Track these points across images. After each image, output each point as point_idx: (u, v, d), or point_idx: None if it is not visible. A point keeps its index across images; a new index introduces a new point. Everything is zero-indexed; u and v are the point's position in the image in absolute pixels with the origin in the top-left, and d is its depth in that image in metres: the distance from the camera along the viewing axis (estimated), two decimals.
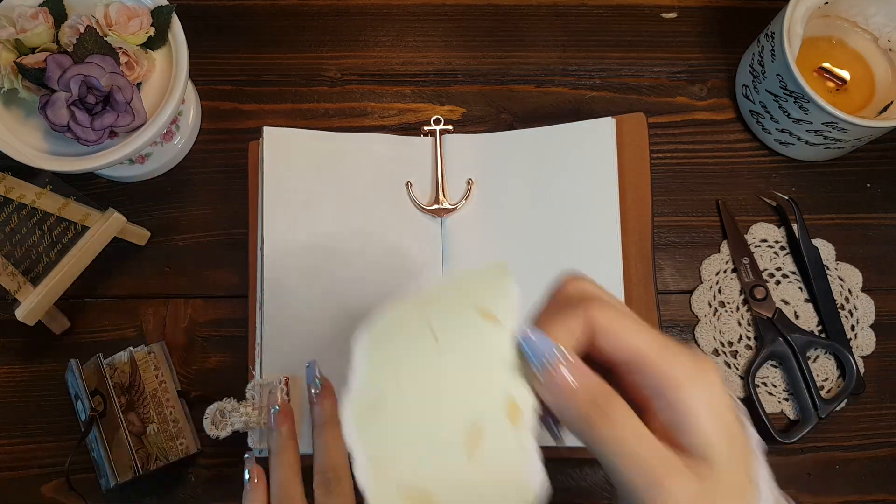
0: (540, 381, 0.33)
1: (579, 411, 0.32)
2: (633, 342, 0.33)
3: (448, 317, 0.34)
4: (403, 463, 0.33)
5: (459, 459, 0.33)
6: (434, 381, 0.33)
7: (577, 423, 0.33)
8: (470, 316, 0.34)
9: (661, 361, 0.33)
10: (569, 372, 0.32)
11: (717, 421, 0.33)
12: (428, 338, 0.33)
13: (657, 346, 0.33)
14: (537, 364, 0.33)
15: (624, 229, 0.58)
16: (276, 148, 0.58)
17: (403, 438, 0.33)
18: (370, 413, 0.33)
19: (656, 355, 0.33)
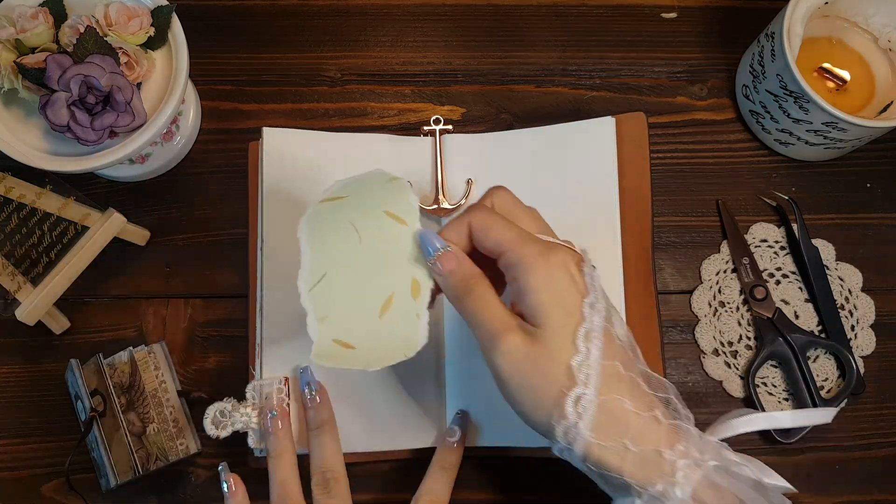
0: (429, 266, 0.45)
1: (454, 288, 0.44)
2: (495, 235, 0.43)
3: (365, 218, 0.47)
4: (337, 322, 0.47)
5: (374, 319, 0.47)
6: (359, 265, 0.47)
7: (452, 296, 0.45)
8: (381, 217, 0.47)
9: (515, 248, 0.43)
10: (447, 259, 0.44)
11: (552, 295, 0.41)
12: (353, 233, 0.48)
13: (515, 237, 0.43)
14: (428, 254, 0.45)
15: (624, 229, 0.58)
16: (275, 148, 0.58)
17: (339, 305, 0.47)
18: (316, 286, 0.48)
19: (512, 244, 0.43)
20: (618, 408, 0.40)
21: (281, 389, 0.54)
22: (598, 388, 0.40)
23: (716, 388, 0.60)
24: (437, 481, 0.53)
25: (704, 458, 0.40)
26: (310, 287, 0.48)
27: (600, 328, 0.41)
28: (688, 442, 0.41)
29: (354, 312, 0.48)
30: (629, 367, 0.42)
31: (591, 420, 0.40)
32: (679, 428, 0.41)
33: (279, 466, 0.51)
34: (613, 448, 0.40)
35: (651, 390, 0.42)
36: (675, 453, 0.40)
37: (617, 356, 0.41)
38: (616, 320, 0.44)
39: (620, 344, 0.42)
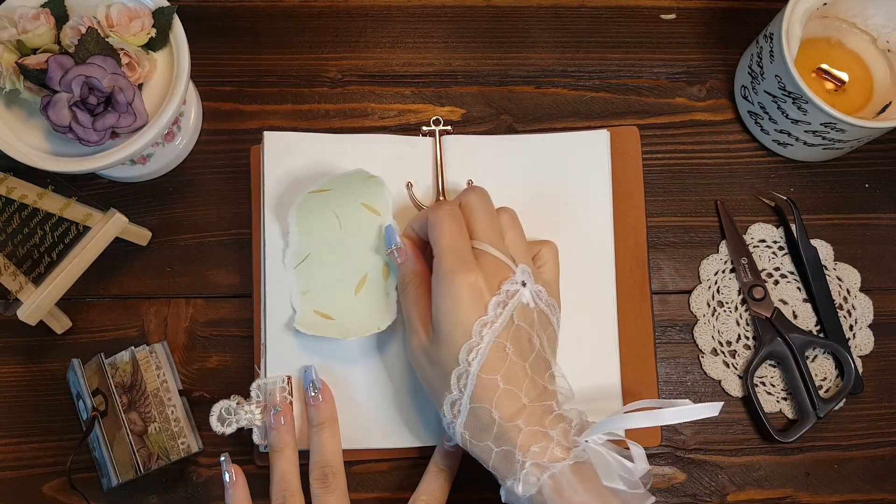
0: (388, 255, 0.54)
1: (399, 280, 0.53)
2: (435, 238, 0.50)
3: (345, 208, 0.56)
4: (318, 295, 0.56)
5: (350, 295, 0.56)
6: (338, 248, 0.56)
7: (398, 285, 0.54)
8: (359, 209, 0.56)
9: (439, 257, 0.49)
10: (399, 254, 0.53)
11: (448, 310, 0.47)
12: (334, 220, 0.56)
13: (445, 247, 0.49)
14: (386, 247, 0.54)
15: (618, 234, 0.59)
16: (276, 151, 0.58)
17: (320, 281, 0.56)
18: (300, 264, 0.56)
19: (440, 252, 0.49)
20: (486, 415, 0.47)
21: (284, 388, 0.55)
22: (472, 397, 0.47)
23: (714, 388, 0.60)
24: (435, 482, 0.54)
25: (560, 458, 0.46)
26: (295, 265, 0.56)
27: (487, 345, 0.47)
28: (547, 444, 0.46)
29: (333, 288, 0.56)
30: (512, 380, 0.47)
31: (464, 421, 0.48)
32: (545, 433, 0.47)
33: (280, 460, 0.53)
34: (482, 446, 0.48)
35: (539, 400, 0.48)
36: (527, 455, 0.46)
37: (500, 371, 0.47)
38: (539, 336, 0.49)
39: (514, 360, 0.47)
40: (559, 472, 0.45)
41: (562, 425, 0.47)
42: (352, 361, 0.57)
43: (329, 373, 0.56)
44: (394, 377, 0.57)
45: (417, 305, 0.51)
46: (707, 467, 0.59)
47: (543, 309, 0.50)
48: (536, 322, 0.49)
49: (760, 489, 0.58)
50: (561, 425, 0.47)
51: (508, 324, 0.47)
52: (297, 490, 0.52)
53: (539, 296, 0.50)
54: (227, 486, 0.52)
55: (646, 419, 0.48)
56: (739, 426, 0.59)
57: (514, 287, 0.48)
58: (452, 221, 0.50)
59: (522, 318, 0.48)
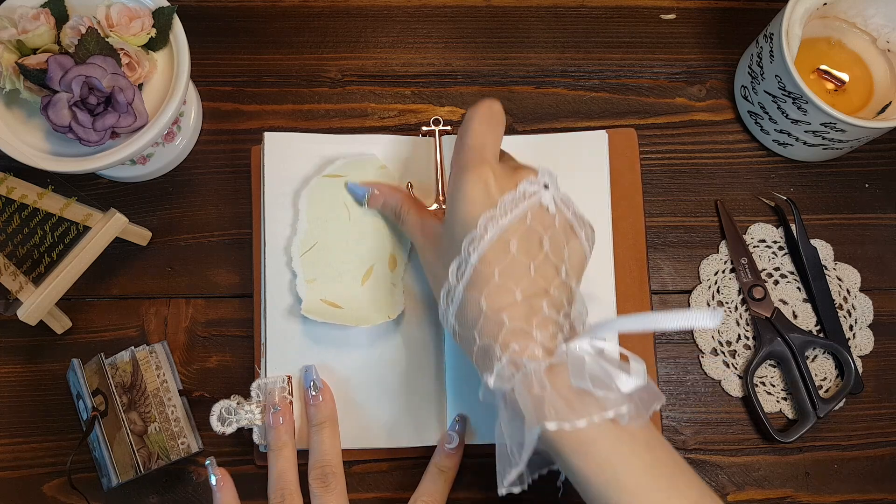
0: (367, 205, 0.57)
1: (392, 212, 0.55)
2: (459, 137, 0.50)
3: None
4: (324, 284, 0.56)
5: (356, 285, 0.56)
6: (346, 238, 0.57)
7: (395, 219, 0.56)
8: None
9: (455, 156, 0.49)
10: (375, 200, 0.56)
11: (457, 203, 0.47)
12: (344, 210, 0.57)
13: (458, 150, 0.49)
14: (360, 201, 0.57)
15: (617, 234, 0.60)
16: (276, 152, 0.58)
17: (326, 269, 0.56)
18: (307, 252, 0.56)
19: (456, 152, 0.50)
20: (475, 305, 0.46)
21: (284, 388, 0.55)
22: (466, 286, 0.46)
23: (714, 388, 0.60)
24: (434, 483, 0.54)
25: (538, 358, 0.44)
26: (301, 253, 0.56)
27: (491, 239, 0.45)
28: (527, 343, 0.44)
29: (339, 278, 0.56)
30: (510, 276, 0.45)
31: (456, 311, 0.47)
32: (528, 333, 0.45)
33: (278, 459, 0.53)
34: (467, 337, 0.47)
35: (533, 299, 0.45)
36: (505, 351, 0.44)
37: (500, 264, 0.45)
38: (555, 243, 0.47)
39: (516, 258, 0.45)
40: (532, 370, 0.43)
41: (552, 329, 0.45)
42: (352, 361, 0.57)
43: (329, 373, 0.56)
44: (394, 377, 0.57)
45: (419, 225, 0.53)
46: (707, 467, 0.59)
47: (569, 218, 0.48)
48: (558, 230, 0.47)
49: (760, 489, 0.58)
50: (551, 329, 0.45)
51: (519, 222, 0.46)
52: (295, 489, 0.52)
53: (566, 203, 0.48)
54: (214, 489, 0.52)
55: (637, 323, 0.45)
56: (739, 426, 0.59)
57: (532, 187, 0.47)
58: (486, 119, 0.49)
59: (538, 219, 0.46)
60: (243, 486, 0.55)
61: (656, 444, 0.44)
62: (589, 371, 0.43)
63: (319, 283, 0.56)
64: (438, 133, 0.61)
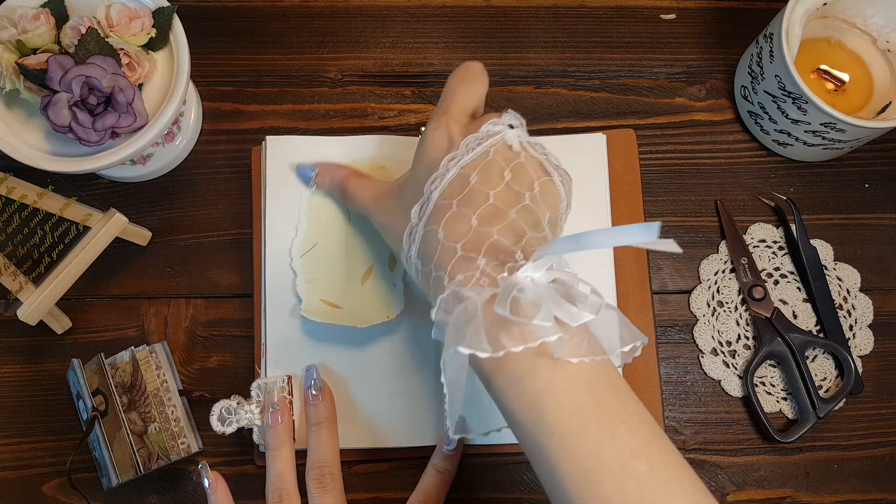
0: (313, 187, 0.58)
1: (337, 194, 0.57)
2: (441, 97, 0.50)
3: None
4: (323, 284, 0.57)
5: (357, 285, 0.57)
6: (346, 239, 0.57)
7: (335, 191, 0.57)
8: None
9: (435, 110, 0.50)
10: (321, 179, 0.57)
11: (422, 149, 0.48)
12: (343, 210, 0.58)
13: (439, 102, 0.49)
14: (308, 181, 0.58)
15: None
16: (278, 155, 0.58)
17: (326, 271, 0.57)
18: (308, 253, 0.57)
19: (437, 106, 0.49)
20: (433, 238, 0.45)
21: (284, 388, 0.55)
22: (426, 221, 0.45)
23: (714, 388, 0.60)
24: (433, 484, 0.54)
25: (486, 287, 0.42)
26: (301, 253, 0.57)
27: (452, 175, 0.45)
28: (473, 273, 0.42)
29: (339, 278, 0.57)
30: (468, 203, 0.44)
31: (418, 249, 0.46)
32: (473, 261, 0.43)
33: (276, 458, 0.53)
34: (426, 272, 0.46)
35: (489, 224, 0.44)
36: (452, 282, 0.43)
37: (458, 195, 0.45)
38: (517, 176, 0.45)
39: (476, 187, 0.45)
40: (470, 299, 0.41)
41: (501, 257, 0.43)
42: (352, 361, 0.57)
43: (329, 373, 0.56)
44: (394, 377, 0.57)
45: (366, 191, 0.53)
46: (707, 467, 0.59)
47: (537, 157, 0.46)
48: (523, 164, 0.45)
49: (760, 489, 0.58)
50: (501, 257, 0.43)
51: (481, 157, 0.45)
52: (293, 489, 0.52)
53: (533, 146, 0.46)
54: (208, 491, 0.52)
55: (568, 244, 0.39)
56: (739, 426, 0.59)
57: (496, 127, 0.46)
58: (459, 78, 0.49)
59: (501, 154, 0.45)
60: (243, 485, 0.55)
61: (602, 384, 0.40)
62: (531, 300, 0.39)
63: (319, 284, 0.57)
64: None
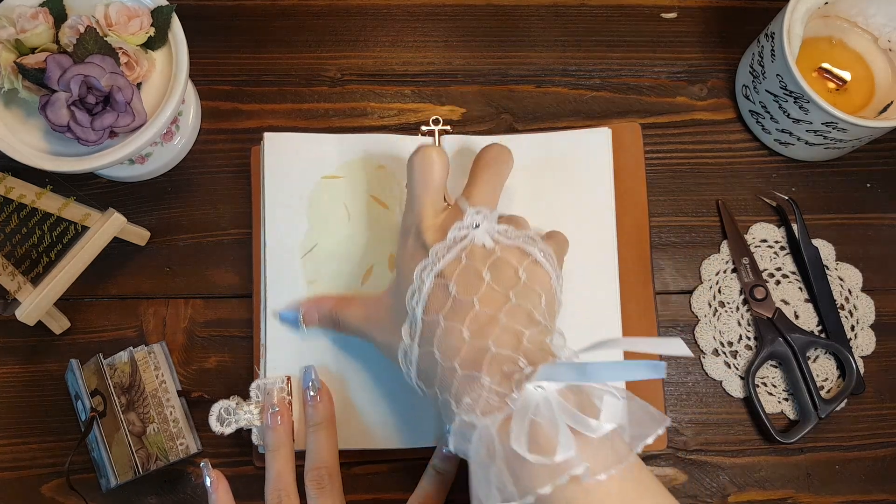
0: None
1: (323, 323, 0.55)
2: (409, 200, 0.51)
3: (355, 199, 0.58)
4: (324, 285, 0.57)
5: (356, 286, 0.57)
6: (346, 239, 0.57)
7: (326, 325, 0.55)
8: (368, 201, 0.58)
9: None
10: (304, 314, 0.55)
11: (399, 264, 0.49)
12: (343, 211, 0.58)
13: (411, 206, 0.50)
14: (292, 322, 0.56)
15: (621, 231, 0.59)
16: (276, 152, 0.58)
17: (326, 272, 0.57)
18: (308, 254, 0.57)
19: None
20: (430, 358, 0.45)
21: (283, 388, 0.55)
22: (419, 342, 0.46)
23: (715, 389, 0.60)
24: (432, 485, 0.54)
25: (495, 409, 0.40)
26: (302, 254, 0.57)
27: (429, 287, 0.45)
28: (479, 393, 0.41)
29: (339, 279, 0.57)
30: (454, 316, 0.44)
31: (416, 372, 0.46)
32: (477, 380, 0.42)
33: (276, 459, 0.53)
34: (431, 395, 0.46)
35: (480, 337, 0.43)
36: (459, 407, 0.42)
37: (443, 310, 0.45)
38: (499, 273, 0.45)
39: (458, 298, 0.44)
40: (482, 428, 0.40)
41: (504, 369, 0.41)
42: (352, 362, 0.57)
43: (329, 373, 0.56)
44: (393, 378, 0.57)
45: (360, 314, 0.52)
46: (708, 468, 0.59)
47: (513, 244, 0.46)
48: (501, 258, 0.45)
49: (762, 490, 0.58)
50: (504, 369, 0.41)
51: (454, 263, 0.45)
52: (292, 490, 0.52)
53: (505, 234, 0.46)
54: (209, 490, 0.52)
55: (573, 373, 0.39)
56: (741, 427, 0.59)
57: (461, 232, 0.46)
58: (419, 171, 0.49)
59: (475, 256, 0.45)
60: (242, 486, 0.55)
61: (639, 491, 0.39)
62: (546, 419, 0.38)
63: (320, 284, 0.57)
64: (438, 132, 0.61)
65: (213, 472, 0.53)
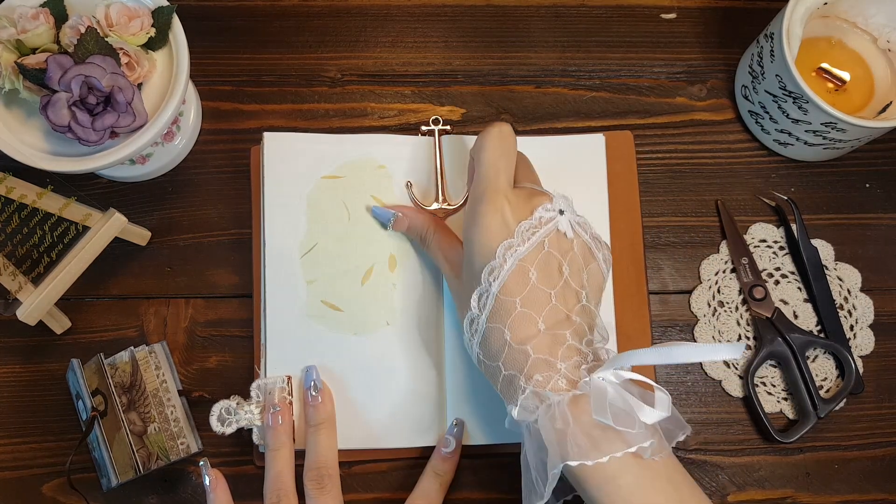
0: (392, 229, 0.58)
1: (418, 235, 0.56)
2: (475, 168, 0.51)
3: (355, 199, 0.58)
4: (324, 285, 0.57)
5: (356, 286, 0.57)
6: (346, 239, 0.58)
7: (421, 243, 0.56)
8: (368, 200, 0.58)
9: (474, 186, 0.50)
10: (400, 223, 0.57)
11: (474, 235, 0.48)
12: (343, 211, 0.58)
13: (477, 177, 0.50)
14: (386, 225, 0.57)
15: (614, 234, 0.60)
16: (276, 151, 0.58)
17: (326, 270, 0.57)
18: (307, 254, 0.57)
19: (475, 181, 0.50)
20: (499, 336, 0.47)
21: (283, 388, 0.55)
22: (489, 316, 0.47)
23: (715, 388, 0.60)
24: (431, 486, 0.54)
25: (563, 390, 0.44)
26: (302, 254, 0.57)
27: (510, 268, 0.46)
28: (551, 374, 0.45)
29: (339, 279, 0.57)
30: (532, 305, 0.46)
31: (480, 341, 0.48)
32: (552, 364, 0.45)
33: (276, 459, 0.53)
34: (492, 367, 0.48)
35: (556, 328, 0.46)
36: (529, 382, 0.45)
37: (521, 294, 0.46)
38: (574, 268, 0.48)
39: (537, 286, 0.46)
40: (556, 402, 0.44)
41: (576, 359, 0.46)
42: (352, 362, 0.57)
43: (329, 373, 0.56)
44: (394, 378, 0.57)
45: (444, 251, 0.54)
46: (707, 467, 0.59)
47: (587, 241, 0.49)
48: (576, 253, 0.48)
49: (761, 489, 0.58)
50: (575, 359, 0.46)
51: (537, 249, 0.47)
52: (291, 490, 0.52)
53: (582, 227, 0.49)
54: (208, 489, 0.53)
55: (655, 356, 0.44)
56: (740, 426, 0.59)
57: (548, 214, 0.48)
58: (497, 144, 0.50)
59: (555, 245, 0.47)
60: (243, 486, 0.55)
61: (680, 478, 0.44)
62: (611, 403, 0.43)
63: (319, 284, 0.57)
64: (438, 132, 0.61)
65: (212, 472, 0.53)
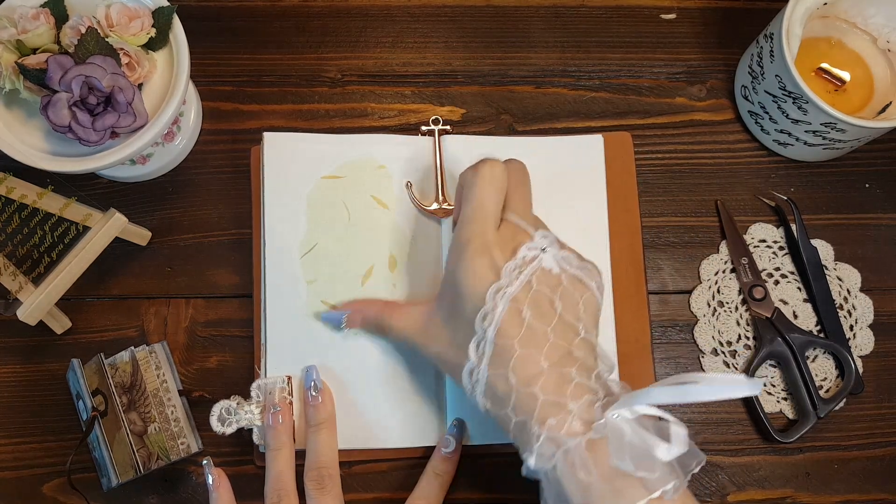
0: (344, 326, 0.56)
1: (367, 327, 0.56)
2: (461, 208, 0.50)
3: (355, 199, 0.58)
4: (324, 285, 0.57)
5: (356, 286, 0.57)
6: (346, 239, 0.58)
7: (371, 330, 0.56)
8: (368, 200, 0.58)
9: (458, 225, 0.49)
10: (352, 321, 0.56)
11: (463, 278, 0.47)
12: (343, 211, 0.58)
13: (463, 215, 0.49)
14: (336, 324, 0.56)
15: (613, 235, 0.60)
16: (276, 151, 0.58)
17: (326, 270, 0.57)
18: (307, 254, 0.57)
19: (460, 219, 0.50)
20: (503, 382, 0.45)
21: (284, 388, 0.55)
22: (489, 363, 0.46)
23: None
24: (430, 486, 0.54)
25: (578, 432, 0.43)
26: (302, 254, 0.57)
27: (502, 310, 0.45)
28: (565, 417, 0.44)
29: (339, 279, 0.57)
30: (531, 344, 0.45)
31: (484, 390, 0.47)
32: (563, 405, 0.44)
33: (276, 459, 0.53)
34: (502, 415, 0.46)
35: (560, 366, 0.45)
36: (543, 427, 0.44)
37: (517, 336, 0.45)
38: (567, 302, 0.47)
39: (532, 324, 0.45)
40: (573, 447, 0.42)
41: (587, 397, 0.44)
42: (352, 362, 0.57)
43: (329, 373, 0.56)
44: (394, 378, 0.57)
45: (410, 323, 0.52)
46: (707, 467, 0.59)
47: (576, 274, 0.48)
48: (567, 287, 0.47)
49: (761, 489, 0.58)
50: (586, 397, 0.44)
51: (525, 287, 0.46)
52: (292, 490, 0.52)
53: (568, 261, 0.48)
54: (211, 488, 0.53)
55: (672, 395, 0.43)
56: (740, 426, 0.59)
57: (531, 252, 0.47)
58: (487, 183, 0.49)
59: (543, 282, 0.47)
60: (243, 486, 0.55)
61: None
62: (629, 443, 0.42)
63: (319, 284, 0.57)
64: (438, 133, 0.61)
65: (214, 471, 0.53)
